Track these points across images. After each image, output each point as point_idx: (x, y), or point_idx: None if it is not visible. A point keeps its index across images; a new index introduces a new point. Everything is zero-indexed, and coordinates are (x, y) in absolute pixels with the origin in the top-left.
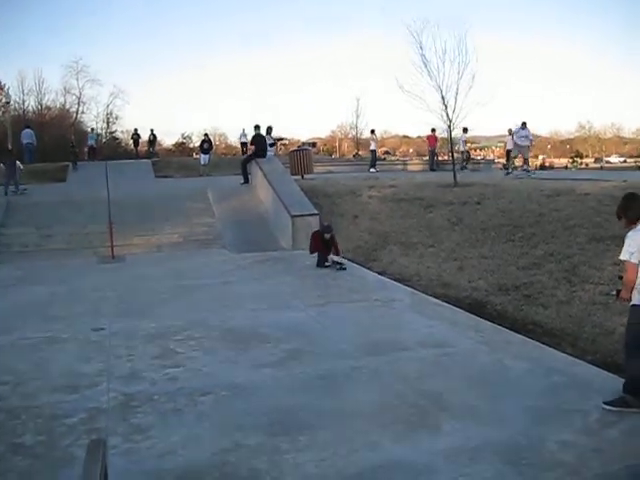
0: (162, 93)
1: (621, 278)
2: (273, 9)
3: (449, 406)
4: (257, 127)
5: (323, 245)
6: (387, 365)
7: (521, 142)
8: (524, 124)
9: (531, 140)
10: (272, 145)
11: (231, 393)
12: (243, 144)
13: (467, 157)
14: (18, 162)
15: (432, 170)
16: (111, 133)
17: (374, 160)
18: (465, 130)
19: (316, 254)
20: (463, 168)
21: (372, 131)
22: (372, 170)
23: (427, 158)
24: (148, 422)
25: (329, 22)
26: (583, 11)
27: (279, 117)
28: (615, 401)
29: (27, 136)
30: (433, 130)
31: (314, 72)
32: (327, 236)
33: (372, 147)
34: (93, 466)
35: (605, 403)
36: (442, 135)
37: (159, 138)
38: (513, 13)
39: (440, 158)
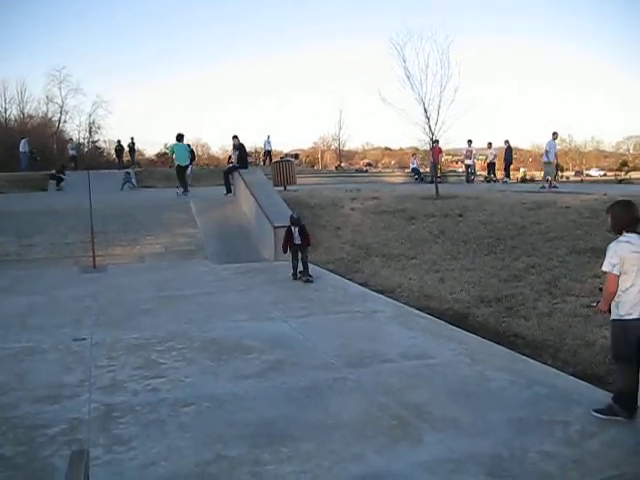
0: (144, 102)
1: (602, 290)
2: (253, 18)
3: (431, 418)
4: (236, 137)
5: (293, 244)
6: (369, 377)
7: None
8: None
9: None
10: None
11: (213, 404)
12: (268, 152)
13: (472, 171)
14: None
15: (432, 182)
16: (93, 142)
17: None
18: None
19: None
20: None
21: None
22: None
23: (409, 170)
24: (130, 433)
25: (311, 31)
26: (565, 22)
27: (261, 128)
28: (604, 410)
29: (22, 145)
30: (436, 142)
31: (296, 83)
32: (295, 229)
33: (468, 162)
34: (75, 477)
35: (595, 411)
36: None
37: (141, 148)
38: (493, 22)
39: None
